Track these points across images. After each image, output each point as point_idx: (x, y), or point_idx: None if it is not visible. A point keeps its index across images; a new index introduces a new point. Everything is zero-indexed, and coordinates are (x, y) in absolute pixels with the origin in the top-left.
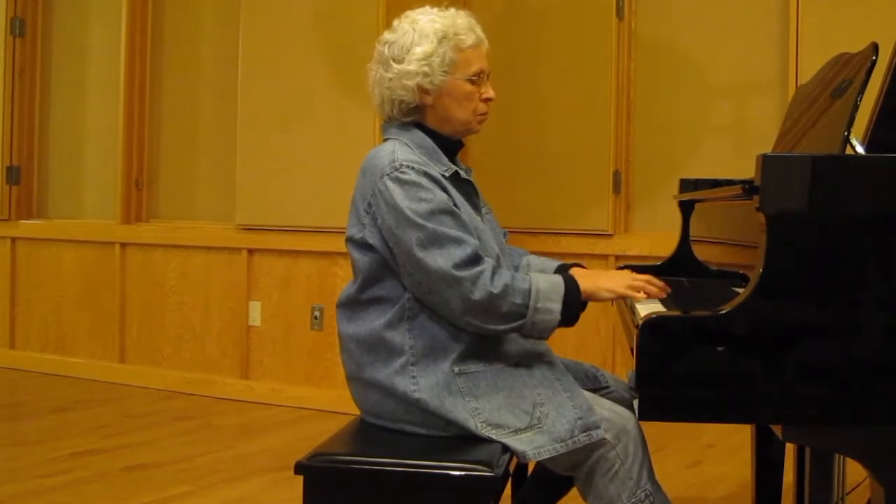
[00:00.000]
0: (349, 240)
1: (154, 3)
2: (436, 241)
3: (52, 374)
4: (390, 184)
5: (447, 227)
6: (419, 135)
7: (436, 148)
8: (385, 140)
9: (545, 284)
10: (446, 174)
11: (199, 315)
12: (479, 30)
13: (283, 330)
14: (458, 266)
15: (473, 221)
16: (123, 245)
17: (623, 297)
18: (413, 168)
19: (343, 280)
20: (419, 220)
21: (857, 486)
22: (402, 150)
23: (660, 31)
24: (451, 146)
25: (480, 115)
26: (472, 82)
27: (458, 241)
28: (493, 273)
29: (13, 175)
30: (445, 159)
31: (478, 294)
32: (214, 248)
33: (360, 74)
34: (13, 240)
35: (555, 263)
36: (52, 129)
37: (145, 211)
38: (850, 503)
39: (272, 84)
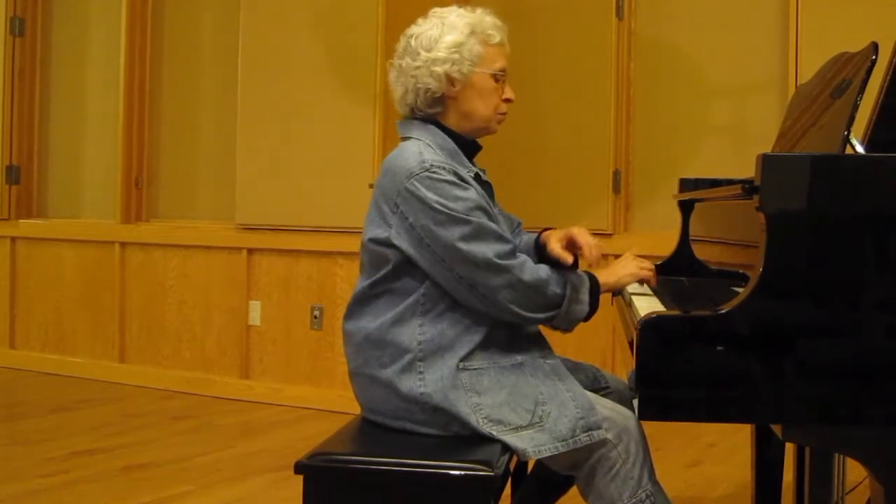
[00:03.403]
0: (371, 240)
1: (154, 3)
2: (479, 234)
3: (52, 373)
4: (422, 184)
5: (487, 222)
6: (440, 135)
7: (457, 150)
8: (405, 138)
9: (575, 278)
10: (469, 175)
11: (199, 315)
12: (503, 32)
13: (283, 330)
14: (502, 256)
15: (494, 222)
16: (123, 245)
17: (642, 280)
18: (444, 168)
19: (343, 280)
20: (462, 216)
21: (856, 486)
22: (428, 152)
23: (660, 30)
24: (469, 148)
25: (500, 114)
26: (496, 79)
27: (499, 234)
28: (533, 264)
29: (13, 174)
30: (467, 161)
31: (527, 276)
32: (214, 247)
33: (360, 74)
34: (13, 239)
35: (532, 236)
36: (51, 128)
37: (145, 210)
38: (849, 503)
39: (272, 84)
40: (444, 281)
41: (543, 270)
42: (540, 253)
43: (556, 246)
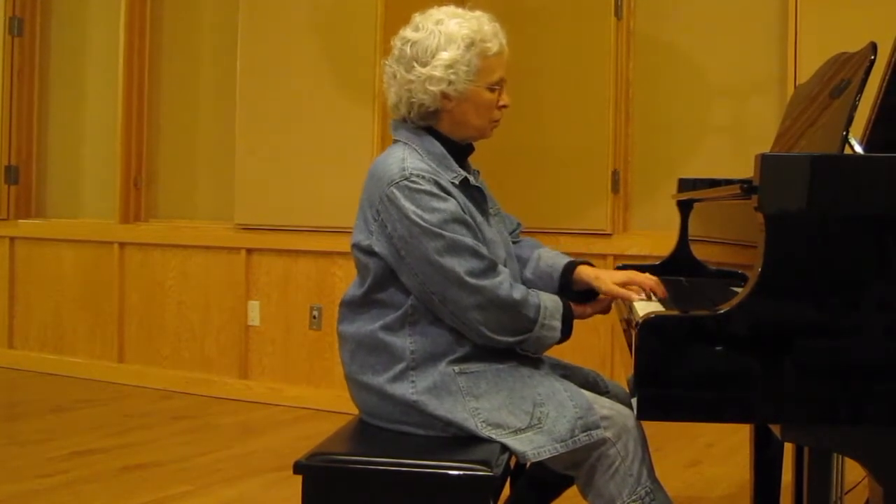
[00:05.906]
0: (355, 245)
1: (153, 3)
2: (453, 249)
3: (52, 373)
4: (400, 192)
5: (462, 236)
6: (430, 140)
7: (445, 154)
8: (395, 142)
9: (550, 302)
10: (455, 181)
11: (198, 315)
12: (502, 36)
13: (282, 330)
14: (475, 275)
15: (482, 229)
16: (122, 245)
17: (618, 298)
18: (423, 177)
19: (342, 280)
20: (435, 230)
21: (856, 486)
22: (412, 158)
23: (659, 30)
24: (461, 151)
25: (495, 121)
26: (492, 90)
27: (475, 250)
28: (511, 284)
29: (12, 175)
30: (455, 165)
31: (500, 298)
32: (213, 247)
33: (359, 74)
34: (12, 239)
35: (564, 260)
36: (50, 128)
37: (144, 210)
38: (848, 503)
39: (271, 84)
40: (418, 294)
41: (518, 292)
42: (563, 280)
43: (613, 288)
